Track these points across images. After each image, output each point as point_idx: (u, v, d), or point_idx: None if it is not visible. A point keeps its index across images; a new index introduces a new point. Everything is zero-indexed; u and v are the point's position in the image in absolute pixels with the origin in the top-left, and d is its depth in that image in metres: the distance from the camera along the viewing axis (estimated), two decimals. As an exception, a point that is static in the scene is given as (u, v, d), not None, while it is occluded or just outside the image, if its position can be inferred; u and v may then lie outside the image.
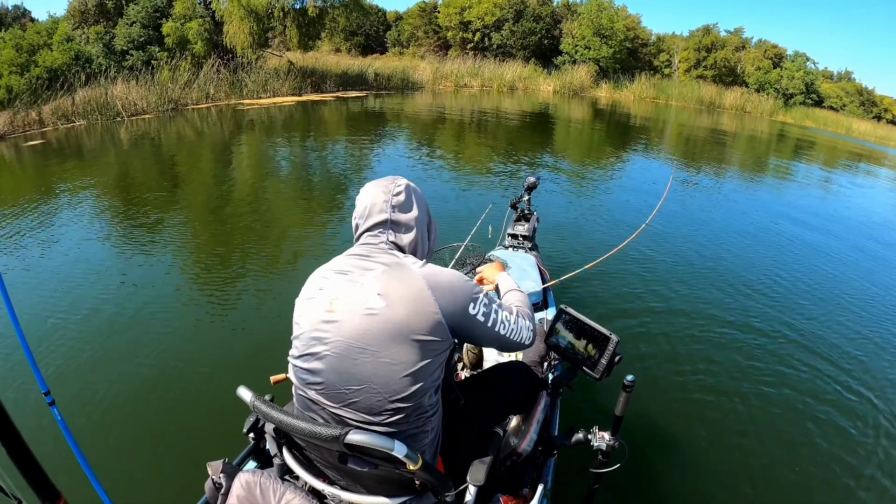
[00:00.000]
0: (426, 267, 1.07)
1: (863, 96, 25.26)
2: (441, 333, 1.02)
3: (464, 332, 1.08)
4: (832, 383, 3.04)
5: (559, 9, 23.68)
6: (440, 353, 1.05)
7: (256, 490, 1.03)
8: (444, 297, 1.02)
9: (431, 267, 1.08)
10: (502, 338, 1.14)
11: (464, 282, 1.08)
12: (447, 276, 1.07)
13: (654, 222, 5.49)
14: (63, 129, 9.01)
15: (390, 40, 26.23)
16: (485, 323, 1.10)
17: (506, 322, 1.15)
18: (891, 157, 16.06)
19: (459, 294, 1.05)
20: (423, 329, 0.99)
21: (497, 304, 1.15)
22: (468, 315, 1.06)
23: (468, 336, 1.11)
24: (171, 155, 7.51)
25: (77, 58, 11.79)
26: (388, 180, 1.17)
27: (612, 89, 22.35)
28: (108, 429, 2.28)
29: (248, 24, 12.98)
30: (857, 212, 7.67)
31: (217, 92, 12.36)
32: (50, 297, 3.34)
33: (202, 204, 5.42)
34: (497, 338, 1.14)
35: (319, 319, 1.03)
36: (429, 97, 16.84)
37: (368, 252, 1.10)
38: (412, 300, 0.99)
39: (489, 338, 1.13)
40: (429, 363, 1.02)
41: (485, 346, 1.18)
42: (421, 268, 1.06)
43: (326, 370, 1.01)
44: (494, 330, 1.12)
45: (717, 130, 15.59)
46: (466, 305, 1.06)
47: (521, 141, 10.47)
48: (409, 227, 1.14)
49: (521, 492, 1.43)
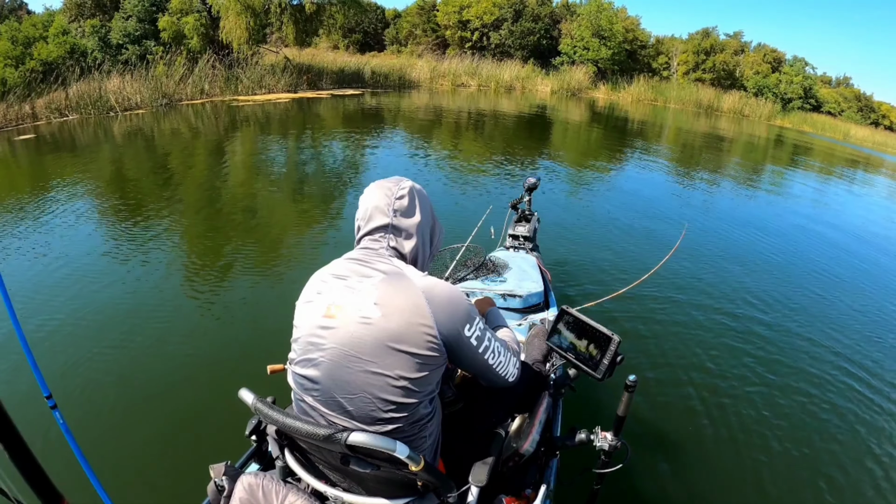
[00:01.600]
0: (426, 279, 1.04)
1: (861, 102, 25.32)
2: (436, 349, 1.00)
3: (453, 353, 1.06)
4: (835, 384, 3.06)
5: (558, 9, 23.67)
6: (435, 367, 1.02)
7: (259, 492, 1.03)
8: (441, 313, 1.00)
9: (431, 280, 1.05)
10: (489, 368, 1.12)
11: (463, 300, 1.05)
12: (447, 291, 1.03)
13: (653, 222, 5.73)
14: (56, 123, 8.99)
15: (388, 38, 26.16)
16: (476, 347, 1.08)
17: (496, 352, 1.13)
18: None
19: (457, 312, 1.03)
20: (417, 343, 0.98)
21: (491, 332, 1.13)
22: (462, 336, 1.04)
23: (456, 357, 1.08)
24: (164, 152, 7.47)
25: (73, 51, 11.77)
26: (392, 182, 1.13)
27: (609, 91, 22.36)
28: (111, 432, 2.28)
29: (245, 20, 12.95)
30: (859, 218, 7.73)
31: (212, 87, 12.34)
32: (50, 298, 3.31)
33: (198, 204, 5.39)
34: (484, 366, 1.12)
35: (317, 325, 1.02)
36: (425, 96, 16.80)
37: (368, 257, 1.08)
38: (408, 312, 0.98)
39: (477, 364, 1.11)
40: (424, 376, 1.00)
41: (470, 372, 1.15)
42: (421, 279, 1.03)
43: (323, 377, 1.01)
44: (483, 357, 1.10)
45: (716, 135, 15.60)
46: (462, 325, 1.04)
47: (518, 141, 10.47)
48: (410, 233, 1.11)
49: (523, 492, 1.42)
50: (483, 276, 2.62)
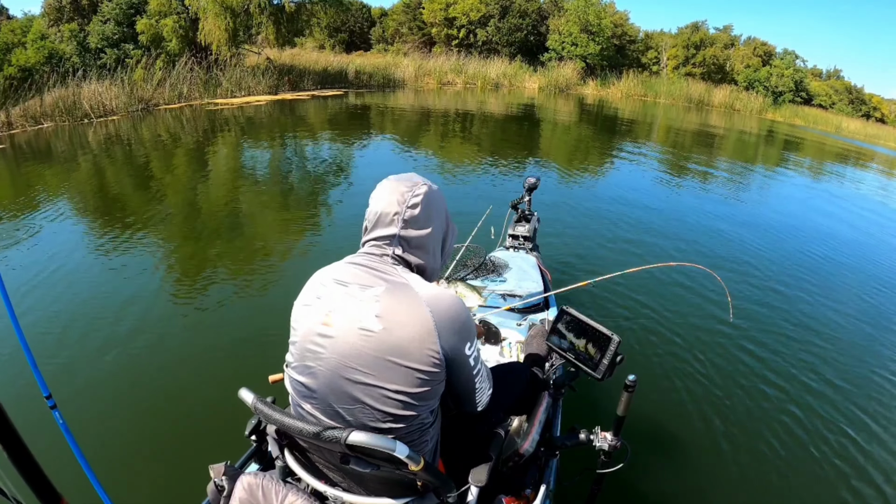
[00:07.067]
0: (431, 290, 1.00)
1: (852, 94, 25.24)
2: (437, 364, 0.97)
3: (450, 370, 1.03)
4: (836, 384, 3.04)
5: (546, 5, 23.51)
6: (437, 382, 1.00)
7: (259, 492, 1.02)
8: (446, 329, 0.97)
9: (436, 290, 1.00)
10: (472, 390, 1.10)
11: (468, 317, 1.02)
12: (453, 306, 0.99)
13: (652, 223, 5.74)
14: (31, 132, 8.91)
15: (375, 37, 26.03)
16: (472, 368, 1.05)
17: (482, 378, 1.11)
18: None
19: (463, 329, 1.00)
20: (419, 358, 0.95)
21: (483, 358, 1.12)
22: (463, 353, 1.01)
23: (451, 375, 1.04)
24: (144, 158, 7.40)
25: (51, 56, 11.68)
26: (406, 185, 1.05)
27: (598, 86, 22.26)
28: (110, 432, 2.29)
29: (224, 21, 12.84)
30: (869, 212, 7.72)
31: (191, 91, 12.24)
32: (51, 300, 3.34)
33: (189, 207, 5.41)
34: (468, 388, 1.10)
35: (315, 331, 0.99)
36: (410, 95, 16.68)
37: (372, 264, 1.03)
38: (411, 327, 0.94)
39: (463, 384, 1.08)
40: (425, 391, 0.98)
41: (453, 391, 1.11)
42: (426, 290, 0.99)
43: (320, 386, 0.99)
44: (474, 380, 1.08)
45: (706, 130, 15.52)
46: (465, 343, 1.01)
47: (506, 142, 10.42)
48: (419, 244, 1.05)
49: (523, 492, 1.42)
50: (483, 276, 2.65)
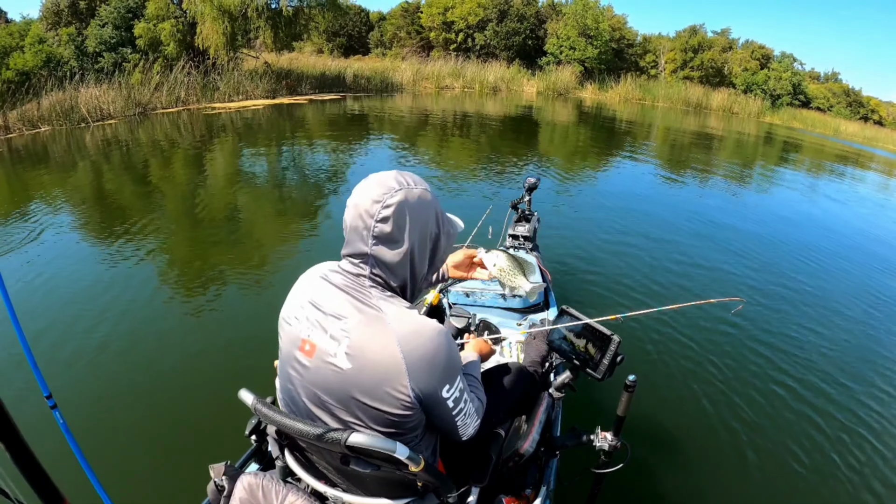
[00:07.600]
0: (407, 325, 0.93)
1: (850, 97, 25.29)
2: (409, 407, 0.94)
3: (426, 410, 1.00)
4: (837, 384, 3.05)
5: (544, 9, 23.60)
6: (411, 422, 0.97)
7: (259, 492, 1.02)
8: (420, 371, 0.92)
9: (414, 325, 0.93)
10: (453, 427, 1.06)
11: (445, 356, 0.95)
12: (430, 345, 0.93)
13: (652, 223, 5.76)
14: (29, 136, 8.89)
15: (373, 41, 26.08)
16: (451, 409, 1.01)
17: (465, 414, 1.06)
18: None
19: (440, 370, 0.95)
20: (388, 402, 0.92)
21: (469, 391, 1.07)
22: (438, 397, 0.97)
23: (428, 414, 1.02)
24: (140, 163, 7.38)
25: (48, 60, 11.67)
26: (379, 191, 0.94)
27: (597, 90, 22.29)
28: (111, 432, 2.29)
29: (222, 25, 12.84)
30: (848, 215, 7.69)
31: (188, 95, 12.23)
32: (51, 301, 3.34)
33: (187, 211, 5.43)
34: (450, 425, 1.05)
35: (293, 355, 0.99)
36: (409, 99, 16.68)
37: (348, 286, 0.97)
38: (381, 369, 0.91)
39: (444, 422, 1.04)
40: (399, 431, 0.96)
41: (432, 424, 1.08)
42: (401, 326, 0.92)
43: (302, 407, 1.01)
44: (455, 419, 1.04)
45: (705, 133, 15.52)
46: (441, 387, 0.96)
47: (505, 144, 10.43)
48: (394, 263, 0.97)
49: (523, 493, 1.42)
50: None
